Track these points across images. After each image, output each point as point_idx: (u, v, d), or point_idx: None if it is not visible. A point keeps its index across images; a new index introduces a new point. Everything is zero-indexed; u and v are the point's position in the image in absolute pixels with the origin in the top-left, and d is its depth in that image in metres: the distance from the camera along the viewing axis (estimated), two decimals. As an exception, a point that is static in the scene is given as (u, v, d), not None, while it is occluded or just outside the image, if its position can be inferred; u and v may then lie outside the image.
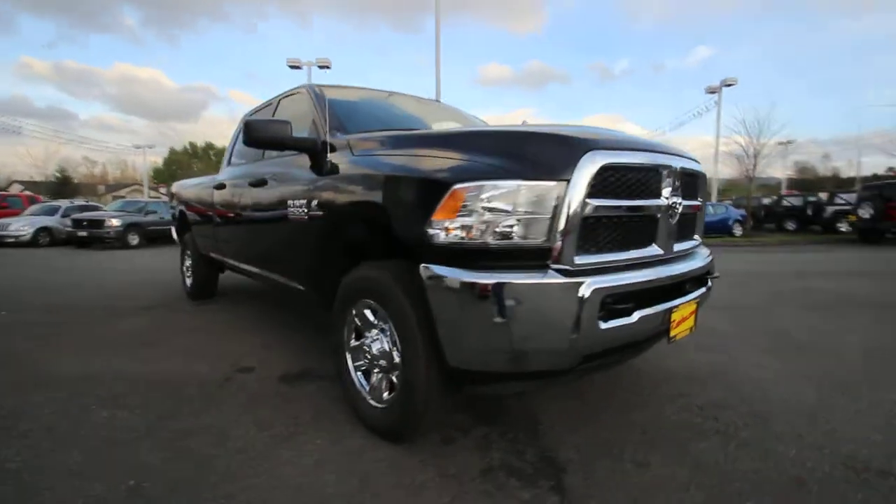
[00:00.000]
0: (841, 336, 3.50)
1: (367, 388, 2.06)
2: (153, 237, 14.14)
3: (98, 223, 13.05)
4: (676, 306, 1.82)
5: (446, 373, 1.70)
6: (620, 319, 1.61)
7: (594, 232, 1.64)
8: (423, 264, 1.63)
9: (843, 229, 15.96)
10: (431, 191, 1.61)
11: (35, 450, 1.91)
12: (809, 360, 2.96)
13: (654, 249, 1.84)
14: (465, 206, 1.55)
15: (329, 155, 2.29)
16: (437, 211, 1.59)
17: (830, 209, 16.84)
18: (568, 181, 1.53)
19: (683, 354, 3.04)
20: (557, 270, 1.54)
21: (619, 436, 2.02)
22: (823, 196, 19.57)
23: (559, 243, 1.54)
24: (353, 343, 2.13)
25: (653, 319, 1.72)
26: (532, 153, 1.59)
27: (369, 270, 1.95)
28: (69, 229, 13.36)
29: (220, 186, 3.73)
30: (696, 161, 2.12)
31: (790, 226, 18.56)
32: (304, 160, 2.47)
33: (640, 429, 2.08)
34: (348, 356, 2.16)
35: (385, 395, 1.96)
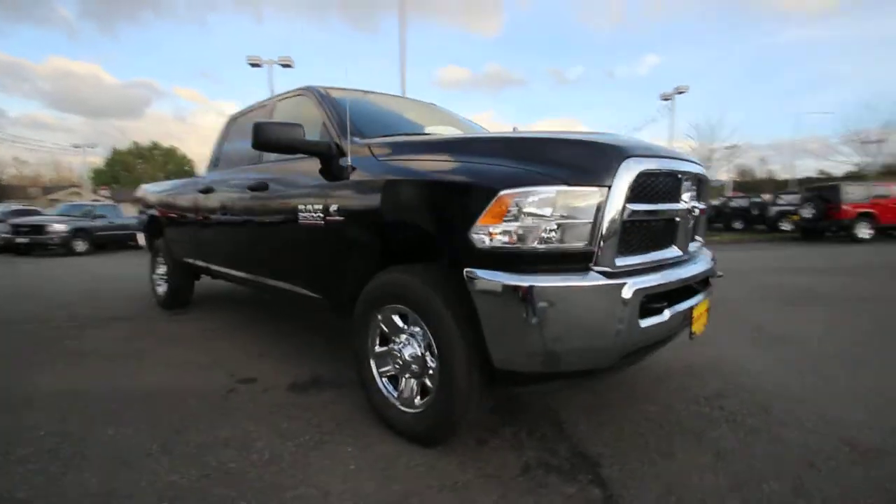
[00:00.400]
0: (813, 327, 3.79)
1: (396, 395, 2.05)
2: (102, 243, 13.30)
3: (40, 228, 12.14)
4: (696, 304, 1.94)
5: (489, 374, 1.73)
6: (656, 318, 1.69)
7: (630, 235, 1.71)
8: (466, 269, 1.65)
9: (785, 228, 17.20)
10: (476, 197, 1.63)
11: (43, 475, 1.78)
12: (793, 351, 3.20)
13: (674, 251, 1.94)
14: (510, 212, 1.58)
15: (343, 159, 2.27)
16: (483, 216, 1.61)
17: (774, 209, 18.11)
18: (609, 187, 1.60)
19: (675, 349, 3.20)
20: (600, 273, 1.60)
21: (640, 429, 2.11)
22: (766, 197, 21.01)
23: (601, 246, 1.61)
24: (379, 349, 2.12)
25: (679, 317, 1.82)
26: (574, 160, 1.64)
27: (400, 275, 1.95)
28: (6, 235, 12.33)
29: (207, 190, 3.58)
30: (703, 166, 2.26)
31: (737, 225, 19.79)
32: (312, 164, 2.42)
33: (657, 422, 2.18)
34: (373, 363, 2.14)
35: (417, 399, 1.96)
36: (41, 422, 2.20)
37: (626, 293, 1.58)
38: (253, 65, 16.34)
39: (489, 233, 1.61)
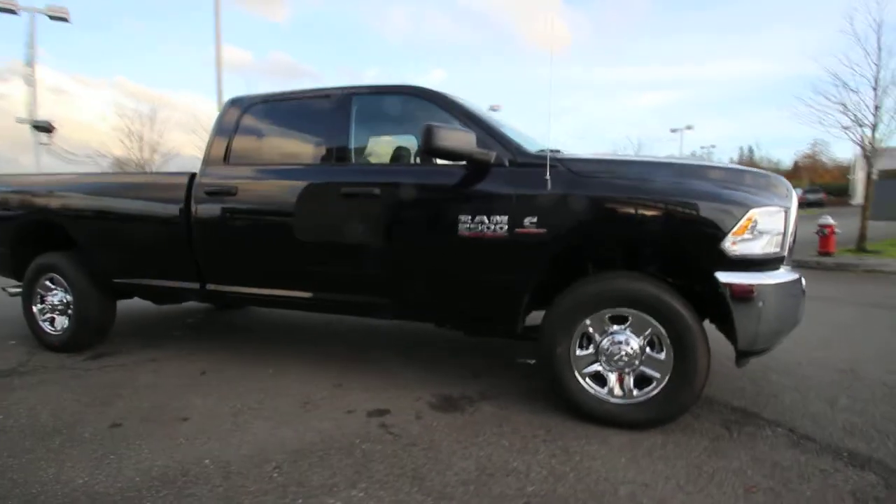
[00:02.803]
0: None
1: (606, 390, 2.24)
2: None
3: None
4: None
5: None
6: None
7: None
8: (718, 272, 2.03)
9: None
10: (731, 214, 2.02)
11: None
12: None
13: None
14: (751, 226, 2.04)
15: (512, 170, 2.33)
16: (735, 230, 2.02)
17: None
18: (788, 209, 2.21)
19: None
20: (788, 271, 2.20)
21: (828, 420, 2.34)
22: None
23: (787, 252, 2.20)
24: (581, 353, 2.27)
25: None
26: (769, 188, 2.20)
27: (629, 282, 2.17)
28: None
29: (229, 192, 2.83)
30: None
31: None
32: (457, 170, 2.39)
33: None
34: (573, 365, 2.27)
35: (635, 391, 2.21)
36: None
37: (803, 284, 2.22)
38: (4, 10, 11.72)
39: (735, 242, 2.03)
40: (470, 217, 2.35)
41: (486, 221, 2.32)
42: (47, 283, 3.51)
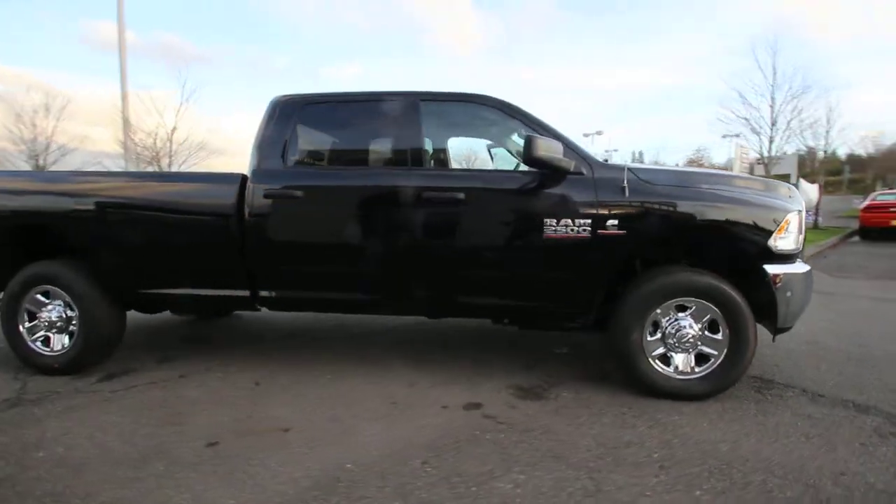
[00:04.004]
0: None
1: (672, 369, 2.62)
2: None
3: None
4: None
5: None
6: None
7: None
8: (766, 265, 2.50)
9: None
10: (777, 217, 2.50)
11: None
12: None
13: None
14: (788, 227, 2.54)
15: (594, 178, 2.62)
16: (778, 230, 2.50)
17: None
18: (801, 211, 2.76)
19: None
20: (803, 263, 2.75)
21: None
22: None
23: (801, 247, 2.75)
24: (650, 338, 2.62)
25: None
26: (793, 194, 2.74)
27: (691, 275, 2.56)
28: None
29: (293, 196, 2.73)
30: None
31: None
32: (534, 177, 2.64)
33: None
34: (645, 349, 2.60)
35: (696, 367, 2.61)
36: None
37: (811, 274, 2.79)
38: None
39: (777, 240, 2.52)
40: (555, 220, 2.58)
41: (571, 224, 2.57)
42: (39, 297, 3.06)
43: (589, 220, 2.57)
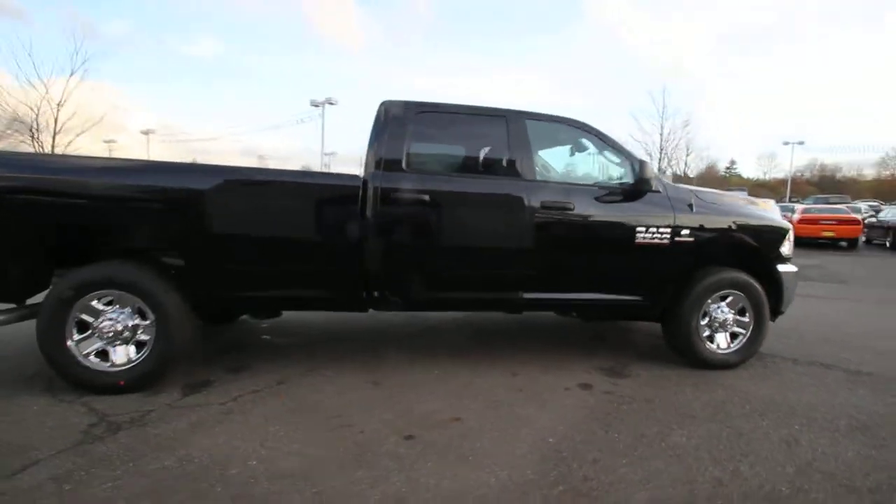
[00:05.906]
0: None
1: (715, 346, 3.38)
2: None
3: None
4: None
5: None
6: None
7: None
8: (778, 265, 3.41)
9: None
10: (786, 230, 3.43)
11: None
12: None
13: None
14: (789, 237, 3.49)
15: (670, 196, 3.27)
16: (787, 239, 3.43)
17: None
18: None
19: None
20: (791, 265, 3.75)
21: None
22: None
23: (791, 252, 3.75)
24: (702, 323, 3.35)
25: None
26: (780, 214, 3.71)
27: (732, 273, 3.35)
28: None
29: (420, 199, 2.84)
30: None
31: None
32: (627, 192, 3.22)
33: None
34: (699, 332, 3.33)
35: (731, 344, 3.41)
36: None
37: (798, 272, 3.81)
38: None
39: (784, 247, 3.45)
40: (644, 228, 3.16)
41: (657, 232, 3.18)
42: (94, 303, 2.67)
43: (669, 230, 3.21)
